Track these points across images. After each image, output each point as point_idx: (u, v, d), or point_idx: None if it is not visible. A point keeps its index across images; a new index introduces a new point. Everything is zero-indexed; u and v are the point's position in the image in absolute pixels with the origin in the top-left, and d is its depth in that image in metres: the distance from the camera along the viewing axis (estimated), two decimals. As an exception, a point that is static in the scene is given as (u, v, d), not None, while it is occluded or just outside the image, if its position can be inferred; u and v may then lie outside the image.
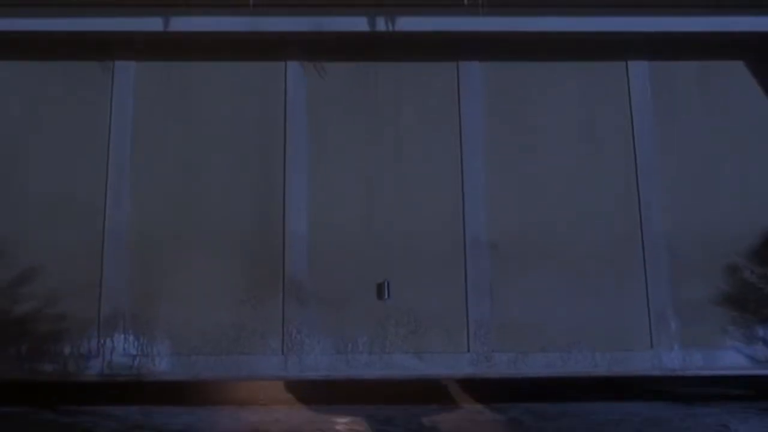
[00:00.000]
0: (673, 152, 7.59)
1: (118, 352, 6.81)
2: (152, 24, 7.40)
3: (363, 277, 7.09)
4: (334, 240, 7.21)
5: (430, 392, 8.10)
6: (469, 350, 6.95)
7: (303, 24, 7.41)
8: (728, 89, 7.66)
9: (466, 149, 7.50)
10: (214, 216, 7.22)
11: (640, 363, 7.00)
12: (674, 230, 7.41)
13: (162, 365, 6.76)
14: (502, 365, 6.92)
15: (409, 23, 7.44)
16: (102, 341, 6.83)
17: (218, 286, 7.00)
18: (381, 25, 7.44)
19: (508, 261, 7.24)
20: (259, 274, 7.05)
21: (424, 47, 7.59)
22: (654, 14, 7.54)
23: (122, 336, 6.85)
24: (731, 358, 7.29)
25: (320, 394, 7.81)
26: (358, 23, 7.44)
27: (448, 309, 7.06)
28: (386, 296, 6.94)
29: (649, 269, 7.26)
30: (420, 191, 7.43)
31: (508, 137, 7.51)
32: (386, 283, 6.95)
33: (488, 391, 7.76)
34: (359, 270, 7.12)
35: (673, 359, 6.97)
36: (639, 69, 7.70)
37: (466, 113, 7.56)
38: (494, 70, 7.53)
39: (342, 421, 7.30)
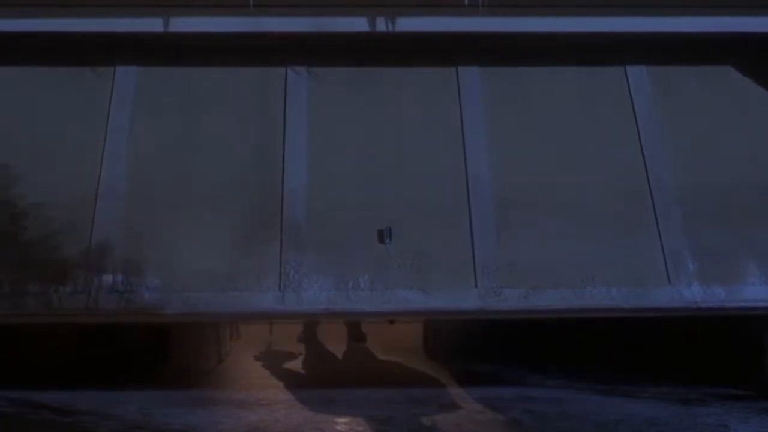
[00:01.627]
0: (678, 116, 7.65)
1: (105, 288, 6.73)
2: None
3: (364, 224, 7.05)
4: (333, 189, 7.20)
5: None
6: (476, 286, 6.85)
7: (303, 24, 7.45)
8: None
9: (465, 104, 7.57)
10: (213, 170, 7.24)
11: (659, 297, 6.90)
12: (683, 184, 7.43)
13: (152, 301, 6.68)
14: (513, 300, 6.83)
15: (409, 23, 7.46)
16: (90, 279, 6.75)
17: (214, 233, 6.96)
18: (381, 25, 7.47)
19: (513, 208, 7.20)
20: (257, 221, 7.02)
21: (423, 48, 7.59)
22: (661, 15, 7.60)
23: (111, 276, 6.79)
24: (754, 292, 7.15)
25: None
26: (357, 23, 7.48)
27: (453, 251, 6.99)
28: (388, 240, 6.87)
29: (661, 220, 7.22)
30: (420, 142, 7.46)
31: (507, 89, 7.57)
32: (388, 229, 6.90)
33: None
34: (360, 217, 7.10)
35: (694, 293, 6.90)
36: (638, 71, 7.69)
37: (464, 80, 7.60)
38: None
39: (342, 421, 7.29)
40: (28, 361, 9.09)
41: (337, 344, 9.71)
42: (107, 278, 6.69)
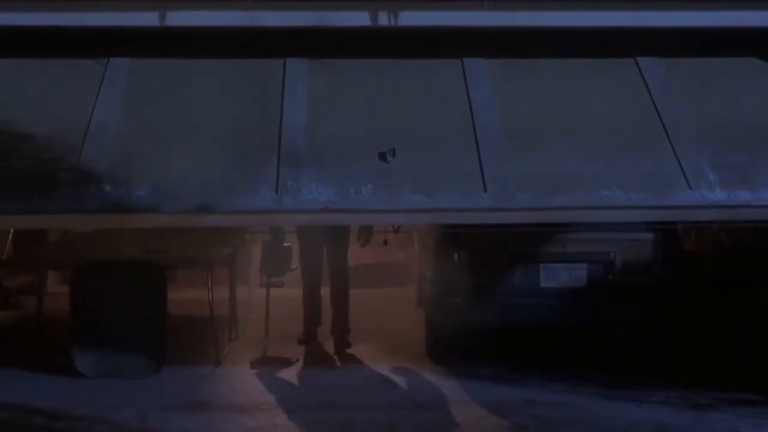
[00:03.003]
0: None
1: (93, 195, 6.61)
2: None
3: (365, 146, 6.91)
4: (333, 122, 7.11)
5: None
6: (486, 191, 6.65)
7: (303, 18, 7.33)
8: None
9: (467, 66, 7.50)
10: (211, 108, 7.21)
11: (681, 198, 6.70)
12: (696, 118, 7.30)
13: (141, 205, 6.55)
14: (525, 200, 6.63)
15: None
16: (78, 188, 6.64)
17: (208, 155, 6.88)
18: (384, 20, 7.35)
19: (521, 132, 7.09)
20: (254, 146, 6.93)
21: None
22: (666, 9, 7.47)
23: (100, 184, 6.67)
24: None
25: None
26: (359, 18, 7.36)
27: (461, 166, 6.83)
28: (391, 158, 6.72)
29: (675, 141, 7.06)
30: (423, 90, 7.39)
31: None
32: (391, 150, 6.75)
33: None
34: (361, 142, 6.97)
35: (717, 195, 6.72)
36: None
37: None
38: None
39: (343, 427, 7.24)
40: (19, 359, 9.05)
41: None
42: (96, 187, 6.59)
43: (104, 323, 8.61)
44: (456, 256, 8.68)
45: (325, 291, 9.94)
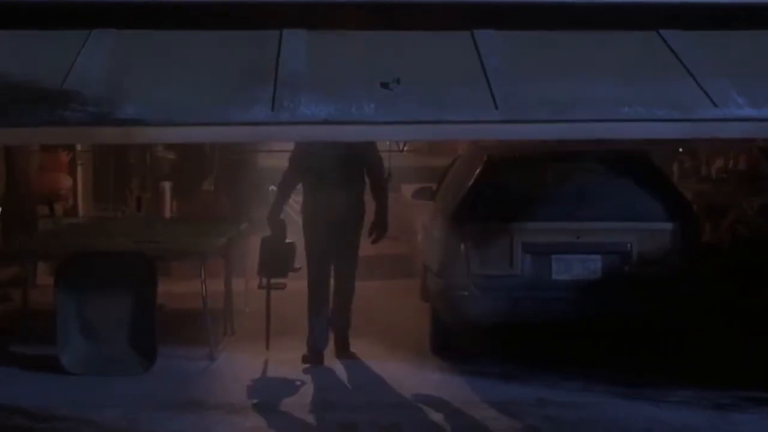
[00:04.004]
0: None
1: (74, 109, 6.37)
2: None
3: (367, 75, 6.66)
4: (335, 52, 6.94)
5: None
6: (497, 108, 6.38)
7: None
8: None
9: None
10: (203, 54, 7.00)
11: (708, 113, 6.45)
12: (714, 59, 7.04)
13: (129, 119, 6.29)
14: (539, 114, 6.38)
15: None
16: (63, 106, 6.39)
17: (201, 78, 6.70)
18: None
19: (531, 59, 6.90)
20: (250, 70, 6.72)
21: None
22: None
23: (87, 101, 6.43)
24: None
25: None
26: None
27: (469, 88, 6.57)
28: (394, 86, 6.46)
29: (696, 73, 6.80)
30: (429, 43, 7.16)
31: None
32: (395, 78, 6.48)
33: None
34: (362, 71, 6.75)
35: (745, 112, 6.45)
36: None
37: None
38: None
39: (344, 428, 7.09)
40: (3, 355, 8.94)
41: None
42: (79, 103, 6.36)
43: (91, 318, 8.43)
44: (462, 246, 8.46)
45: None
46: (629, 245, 8.44)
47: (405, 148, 10.26)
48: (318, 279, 8.89)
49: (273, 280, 9.11)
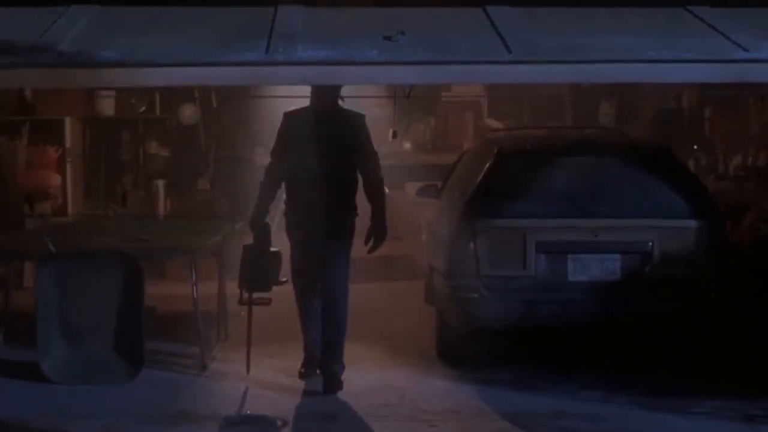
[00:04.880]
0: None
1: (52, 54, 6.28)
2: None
3: (368, 29, 6.60)
4: (334, 19, 6.91)
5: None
6: (510, 51, 6.26)
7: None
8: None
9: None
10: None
11: (736, 56, 6.31)
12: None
13: (113, 62, 6.15)
14: (552, 53, 6.24)
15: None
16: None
17: (193, 32, 6.62)
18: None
19: (543, 14, 6.84)
20: (244, 28, 6.65)
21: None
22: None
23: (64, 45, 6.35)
24: None
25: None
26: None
27: (477, 38, 6.47)
28: (398, 38, 6.38)
29: (721, 29, 6.69)
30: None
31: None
32: (399, 32, 6.40)
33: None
34: (363, 26, 6.69)
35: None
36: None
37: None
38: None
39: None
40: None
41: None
42: (60, 46, 6.29)
43: (74, 322, 8.12)
44: (472, 246, 8.17)
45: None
46: (650, 244, 8.13)
47: (410, 94, 9.89)
48: (302, 289, 8.00)
49: (256, 295, 8.14)
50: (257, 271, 7.97)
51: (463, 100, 15.36)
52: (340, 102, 7.83)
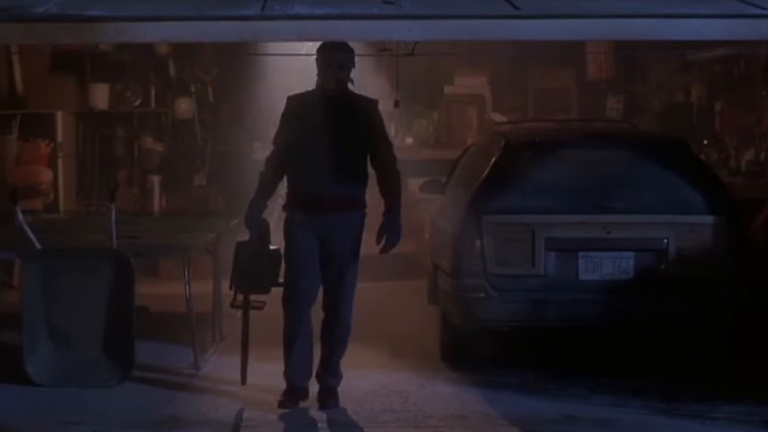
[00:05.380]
0: None
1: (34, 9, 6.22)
2: None
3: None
4: None
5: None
6: (517, 9, 6.25)
7: None
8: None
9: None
10: None
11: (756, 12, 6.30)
12: None
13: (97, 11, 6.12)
14: (567, 9, 6.22)
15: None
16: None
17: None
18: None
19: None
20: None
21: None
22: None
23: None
24: None
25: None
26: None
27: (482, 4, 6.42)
28: (400, 2, 6.41)
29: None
30: None
31: None
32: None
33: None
34: None
35: None
36: None
37: None
38: None
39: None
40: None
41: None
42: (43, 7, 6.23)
43: (61, 322, 7.90)
44: (478, 243, 8.00)
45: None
46: (665, 241, 7.96)
47: (414, 50, 9.87)
48: (298, 295, 7.28)
49: (251, 298, 7.64)
50: (253, 271, 7.43)
51: (466, 94, 15.17)
52: (349, 85, 7.24)
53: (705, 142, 13.57)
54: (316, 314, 7.46)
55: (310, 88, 7.31)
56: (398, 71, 9.76)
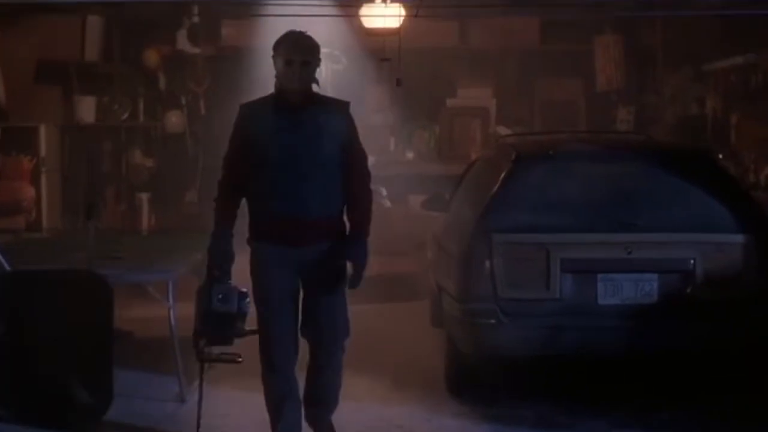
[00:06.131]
0: None
1: None
2: None
3: None
4: None
5: None
6: None
7: None
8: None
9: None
10: None
11: None
12: None
13: None
14: None
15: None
16: None
17: None
18: None
19: None
20: None
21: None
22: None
23: None
24: None
25: None
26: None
27: None
28: None
29: None
30: None
31: None
32: None
33: None
34: None
35: None
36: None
37: None
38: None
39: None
40: None
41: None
42: None
43: (33, 351, 7.41)
44: (488, 264, 7.58)
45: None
46: (692, 262, 7.52)
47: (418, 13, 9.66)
48: (276, 348, 6.24)
49: (219, 350, 6.62)
50: (215, 319, 6.21)
51: (469, 106, 15.02)
52: (315, 87, 6.20)
53: (721, 155, 13.33)
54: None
55: (267, 93, 6.29)
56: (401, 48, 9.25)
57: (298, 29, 6.16)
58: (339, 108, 6.22)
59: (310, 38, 6.09)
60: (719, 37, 12.90)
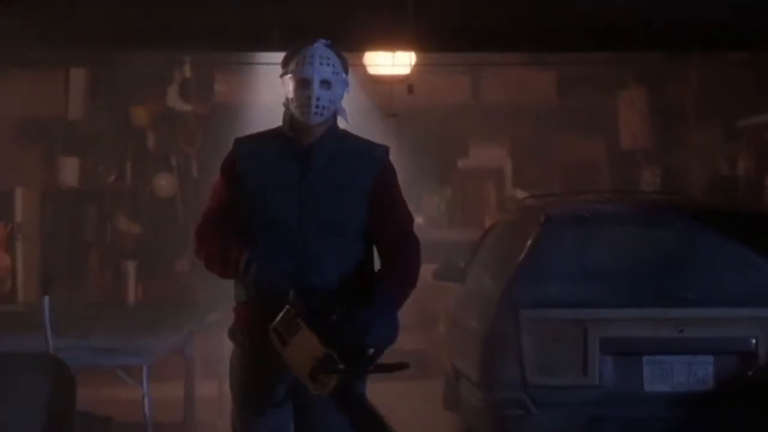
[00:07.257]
0: None
1: None
2: None
3: None
4: None
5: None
6: None
7: None
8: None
9: None
10: None
11: None
12: None
13: None
14: None
15: None
16: None
17: None
18: None
19: None
20: None
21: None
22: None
23: None
24: None
25: None
26: None
27: None
28: None
29: None
30: None
31: None
32: None
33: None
34: None
35: None
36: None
37: None
38: None
39: None
40: None
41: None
42: None
43: None
44: (515, 345, 6.93)
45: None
46: (753, 341, 6.91)
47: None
48: None
49: None
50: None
51: (483, 167, 14.61)
52: (342, 122, 4.47)
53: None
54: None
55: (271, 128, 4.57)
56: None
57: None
58: (375, 153, 4.45)
59: (333, 49, 4.35)
60: (752, 91, 12.38)
